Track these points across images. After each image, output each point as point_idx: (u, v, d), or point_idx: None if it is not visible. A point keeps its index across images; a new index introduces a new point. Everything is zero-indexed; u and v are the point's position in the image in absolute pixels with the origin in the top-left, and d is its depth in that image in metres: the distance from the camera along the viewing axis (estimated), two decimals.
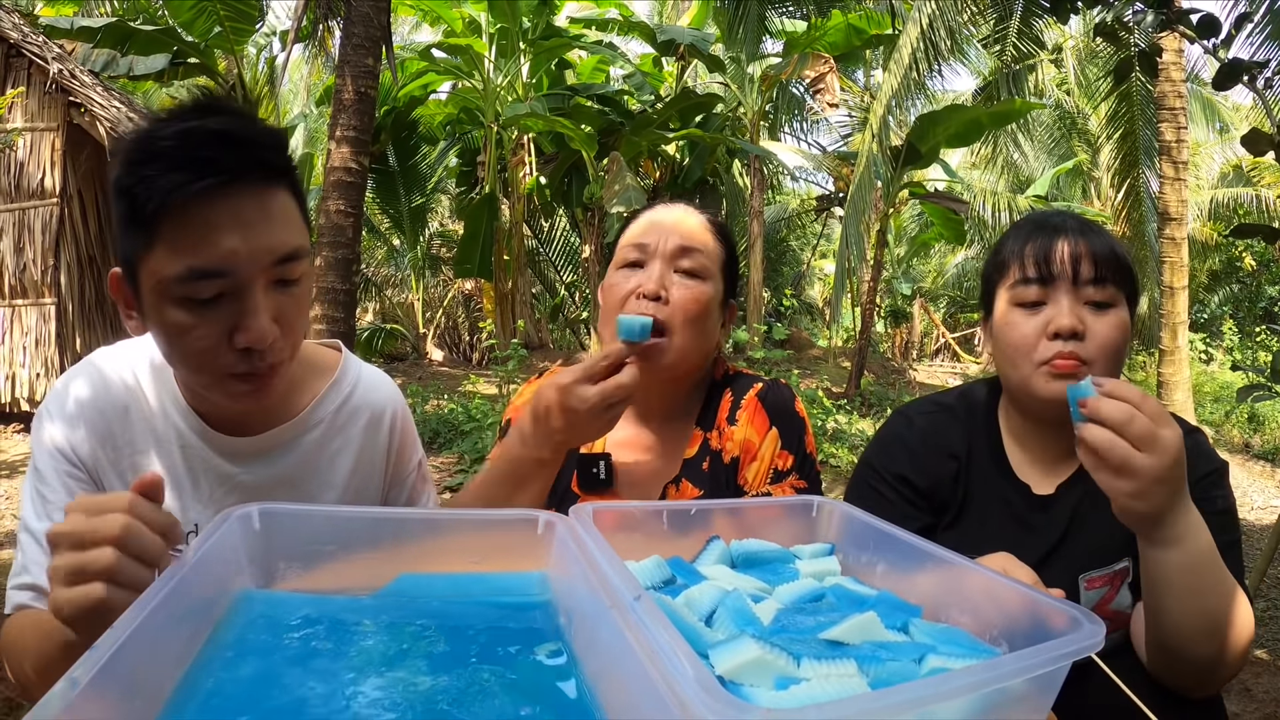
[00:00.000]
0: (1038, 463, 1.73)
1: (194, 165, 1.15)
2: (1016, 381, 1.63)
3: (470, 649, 0.89)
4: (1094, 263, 1.57)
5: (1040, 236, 1.62)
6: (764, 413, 1.80)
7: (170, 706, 0.75)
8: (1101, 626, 0.84)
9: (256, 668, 0.82)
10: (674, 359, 1.72)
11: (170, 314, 1.21)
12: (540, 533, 1.07)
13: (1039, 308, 1.60)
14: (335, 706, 0.76)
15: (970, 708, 0.74)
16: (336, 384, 1.59)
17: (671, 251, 1.74)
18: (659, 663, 0.69)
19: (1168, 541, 1.32)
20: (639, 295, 1.71)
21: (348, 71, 7.95)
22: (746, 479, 1.77)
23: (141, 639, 0.73)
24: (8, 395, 9.25)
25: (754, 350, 10.71)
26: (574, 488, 1.83)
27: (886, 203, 14.03)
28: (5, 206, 9.33)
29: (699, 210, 1.86)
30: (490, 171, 14.63)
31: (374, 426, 1.62)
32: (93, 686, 0.65)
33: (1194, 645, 1.38)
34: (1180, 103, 10.87)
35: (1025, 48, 13.87)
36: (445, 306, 19.82)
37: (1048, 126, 20.43)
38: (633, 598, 0.78)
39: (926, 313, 25.90)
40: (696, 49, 14.17)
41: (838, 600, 1.05)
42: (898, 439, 1.80)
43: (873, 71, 19.25)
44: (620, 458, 1.83)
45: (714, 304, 1.78)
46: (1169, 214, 10.79)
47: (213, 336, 1.23)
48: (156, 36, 11.58)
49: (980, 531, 1.69)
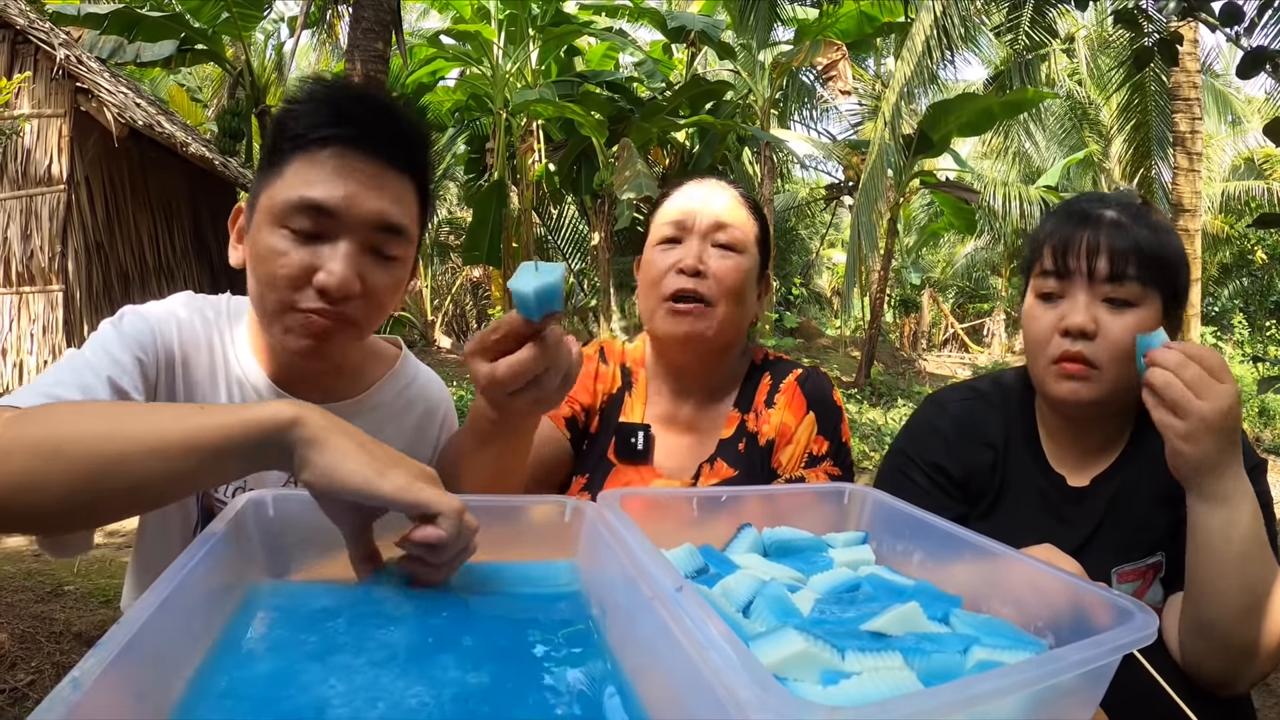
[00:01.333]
0: (1074, 455, 1.68)
1: (345, 114, 1.29)
2: (1035, 376, 1.62)
3: (499, 642, 0.85)
4: (1112, 259, 1.51)
5: (1066, 227, 1.56)
6: (802, 397, 1.82)
7: (180, 708, 0.70)
8: (1154, 617, 0.82)
9: (273, 665, 0.78)
10: (716, 329, 1.74)
11: (270, 237, 1.28)
12: (568, 519, 1.04)
13: (1058, 301, 1.56)
14: (357, 706, 0.71)
15: (1024, 703, 0.71)
16: (396, 374, 1.60)
17: (708, 227, 1.77)
18: (708, 659, 0.65)
19: (1215, 497, 1.35)
20: (678, 270, 1.74)
21: (357, 56, 7.91)
22: (780, 462, 1.78)
23: (149, 636, 0.68)
24: (15, 383, 9.18)
25: (765, 339, 10.68)
26: (610, 455, 1.83)
27: (897, 191, 13.98)
28: (12, 193, 9.29)
29: (731, 185, 1.87)
30: (499, 158, 14.58)
31: (427, 420, 1.63)
32: (97, 689, 0.60)
33: (1233, 625, 1.36)
34: (1195, 93, 10.83)
35: (1038, 37, 13.80)
36: (453, 294, 19.84)
37: (1059, 117, 20.30)
38: (675, 588, 0.74)
39: (935, 303, 25.88)
40: (707, 35, 14.11)
41: (875, 590, 1.02)
42: (932, 427, 1.76)
43: (884, 59, 19.19)
44: (658, 432, 1.84)
45: (751, 275, 1.80)
46: (1182, 205, 10.75)
47: (298, 266, 1.27)
48: (164, 23, 11.53)
49: (1014, 522, 1.65)
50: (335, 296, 1.27)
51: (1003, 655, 0.80)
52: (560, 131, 15.42)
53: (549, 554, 1.03)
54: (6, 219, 9.26)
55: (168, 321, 1.40)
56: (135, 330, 1.36)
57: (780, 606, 0.88)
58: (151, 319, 1.39)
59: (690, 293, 1.72)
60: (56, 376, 1.24)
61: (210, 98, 19.00)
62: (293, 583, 0.96)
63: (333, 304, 1.28)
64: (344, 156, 1.28)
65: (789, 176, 21.36)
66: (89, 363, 1.28)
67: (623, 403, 1.88)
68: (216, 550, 0.85)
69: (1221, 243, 20.48)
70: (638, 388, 1.89)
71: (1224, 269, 21.40)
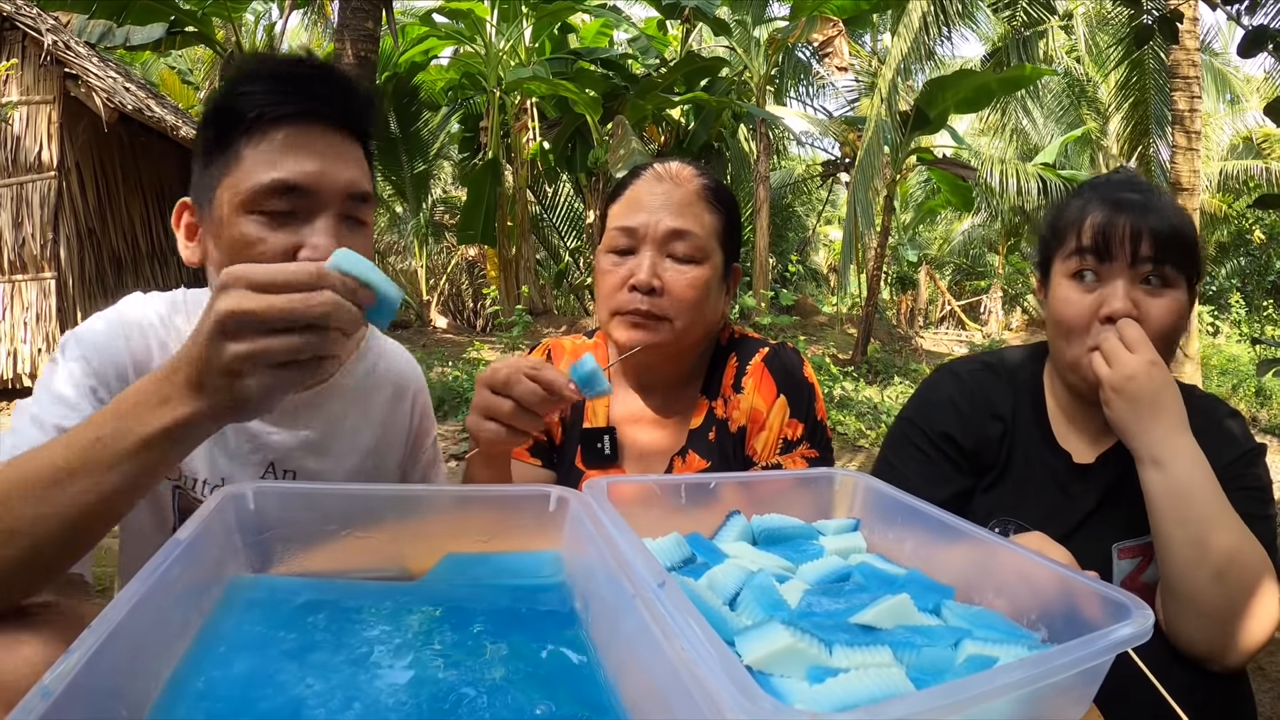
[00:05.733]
0: (1081, 432, 1.70)
1: (293, 89, 1.27)
2: (1068, 359, 1.61)
3: (481, 637, 0.83)
4: (1154, 243, 1.53)
5: (1103, 209, 1.58)
6: (771, 379, 1.73)
7: (155, 710, 0.69)
8: (1149, 613, 0.82)
9: (250, 664, 0.76)
10: (674, 338, 1.67)
11: (243, 227, 1.25)
12: (552, 509, 1.02)
13: (1093, 282, 1.57)
14: (334, 707, 0.70)
15: (1017, 701, 0.71)
16: (362, 354, 1.58)
17: (662, 236, 1.66)
18: (688, 660, 0.63)
19: (1148, 460, 1.47)
20: (630, 287, 1.65)
21: (347, 36, 7.86)
22: (755, 449, 1.72)
23: (124, 636, 0.66)
24: (9, 371, 9.17)
25: (760, 316, 10.65)
26: (578, 464, 1.78)
27: (894, 168, 13.91)
28: (3, 181, 9.22)
29: (696, 172, 1.75)
30: (493, 137, 14.50)
31: (397, 400, 1.62)
32: (68, 695, 0.58)
33: (1198, 587, 1.40)
34: (1194, 71, 10.75)
35: (1036, 13, 13.71)
36: (449, 273, 19.78)
37: (1057, 94, 20.21)
38: (656, 584, 0.73)
39: (932, 280, 25.84)
40: (702, 12, 13.99)
41: (866, 579, 1.02)
42: (946, 396, 1.75)
43: (881, 35, 19.09)
44: (625, 431, 1.79)
45: (712, 283, 1.70)
46: (1180, 184, 10.68)
47: (280, 249, 1.25)
48: (153, 5, 11.38)
49: (1019, 496, 1.68)
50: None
51: (994, 650, 0.80)
52: (554, 109, 15.35)
53: (533, 544, 1.02)
54: None
55: (111, 339, 1.35)
56: (78, 359, 1.32)
57: (767, 598, 0.87)
58: (93, 342, 1.34)
59: (645, 313, 1.64)
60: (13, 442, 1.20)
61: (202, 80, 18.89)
62: (273, 577, 0.95)
63: None
64: (301, 131, 1.27)
65: (785, 153, 21.23)
66: (36, 418, 1.25)
67: (584, 407, 1.81)
68: (194, 547, 0.83)
69: (1219, 222, 20.41)
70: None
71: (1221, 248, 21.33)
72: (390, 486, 1.13)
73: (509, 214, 15.09)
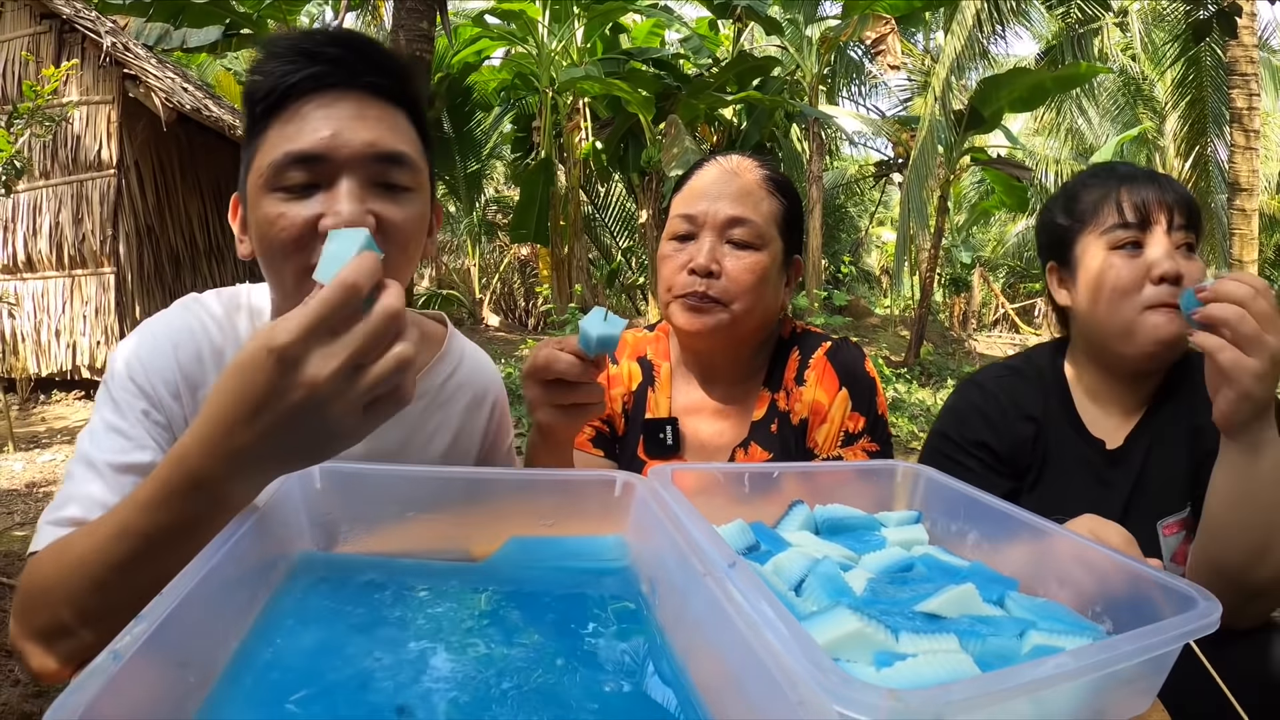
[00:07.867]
0: (1109, 417, 1.75)
1: (305, 57, 1.22)
2: (1117, 325, 1.64)
3: (546, 617, 0.84)
4: (1185, 210, 1.63)
5: (1128, 184, 1.67)
6: (833, 372, 1.74)
7: (225, 679, 0.70)
8: (1216, 604, 0.80)
9: (318, 637, 0.77)
10: (733, 323, 1.68)
11: (264, 206, 1.21)
12: (618, 494, 1.02)
13: (1137, 251, 1.63)
14: (403, 680, 0.71)
15: (1082, 690, 0.71)
16: (443, 358, 1.55)
17: (722, 223, 1.69)
18: (762, 637, 0.63)
19: (1260, 443, 1.35)
20: (690, 270, 1.67)
21: (401, 36, 7.89)
22: (816, 441, 1.72)
23: (193, 606, 0.67)
24: (69, 363, 9.38)
25: (813, 317, 10.61)
26: (640, 453, 1.79)
27: (948, 168, 13.79)
28: (63, 179, 9.41)
29: (757, 163, 1.78)
30: (546, 137, 14.57)
31: (475, 407, 1.58)
32: (138, 659, 0.59)
33: (1246, 565, 1.38)
34: (1252, 68, 10.56)
35: (1090, 10, 13.53)
36: (501, 272, 19.93)
37: (1112, 93, 19.91)
38: (728, 564, 0.73)
39: (986, 282, 25.56)
40: (753, 11, 13.94)
41: (929, 570, 1.00)
42: (973, 406, 1.78)
43: (933, 34, 18.92)
44: (687, 422, 1.80)
45: (772, 269, 1.71)
46: (1239, 184, 10.50)
47: (300, 221, 1.19)
48: (209, 8, 11.53)
49: (1061, 491, 1.70)
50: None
51: (1059, 640, 0.79)
52: (607, 109, 15.36)
53: (597, 528, 1.02)
54: (58, 204, 9.39)
55: (158, 354, 1.30)
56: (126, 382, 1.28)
57: (833, 585, 0.86)
58: (141, 359, 1.30)
59: (701, 294, 1.66)
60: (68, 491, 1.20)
61: None
62: (340, 555, 0.96)
63: None
64: (320, 100, 1.22)
65: (838, 153, 21.16)
66: (89, 458, 1.22)
67: (646, 399, 1.83)
68: (262, 523, 0.84)
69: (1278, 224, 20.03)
70: (660, 381, 1.84)
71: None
72: (455, 469, 1.11)
73: (561, 213, 15.16)
